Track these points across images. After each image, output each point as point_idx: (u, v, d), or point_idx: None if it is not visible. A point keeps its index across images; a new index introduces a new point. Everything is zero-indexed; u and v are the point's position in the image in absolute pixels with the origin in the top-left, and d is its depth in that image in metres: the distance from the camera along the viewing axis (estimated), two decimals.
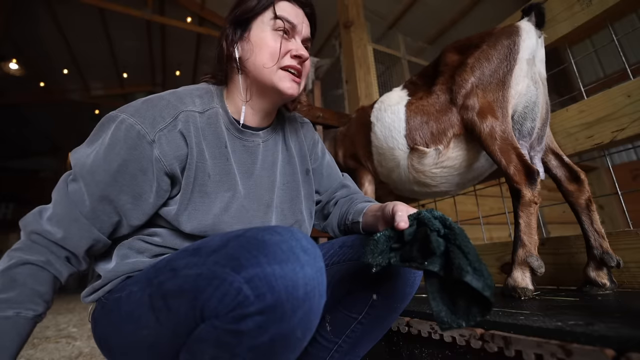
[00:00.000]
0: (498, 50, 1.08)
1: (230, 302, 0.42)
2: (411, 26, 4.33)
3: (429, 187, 1.28)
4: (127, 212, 0.61)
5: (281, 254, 0.44)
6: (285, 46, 0.71)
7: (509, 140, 1.01)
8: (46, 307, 0.58)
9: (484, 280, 0.47)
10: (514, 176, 0.97)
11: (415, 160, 1.24)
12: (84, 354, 1.57)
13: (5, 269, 0.55)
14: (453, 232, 0.53)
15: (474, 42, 1.16)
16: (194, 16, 5.42)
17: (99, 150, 0.60)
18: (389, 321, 0.76)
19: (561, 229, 3.13)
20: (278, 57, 0.70)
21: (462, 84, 1.11)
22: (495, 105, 1.05)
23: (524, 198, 0.96)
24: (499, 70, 1.07)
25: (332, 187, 0.91)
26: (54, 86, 6.73)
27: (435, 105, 1.20)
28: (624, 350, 0.45)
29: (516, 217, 0.98)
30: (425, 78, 1.33)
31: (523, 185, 0.96)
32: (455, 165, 1.19)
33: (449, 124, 1.15)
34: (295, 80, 0.72)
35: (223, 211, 0.66)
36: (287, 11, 0.72)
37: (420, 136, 1.21)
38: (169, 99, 0.66)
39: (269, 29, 0.71)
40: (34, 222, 0.58)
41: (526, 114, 1.09)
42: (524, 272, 0.93)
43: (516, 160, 0.99)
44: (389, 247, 0.57)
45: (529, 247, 0.94)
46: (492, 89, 1.07)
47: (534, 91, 1.08)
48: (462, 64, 1.15)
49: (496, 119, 1.03)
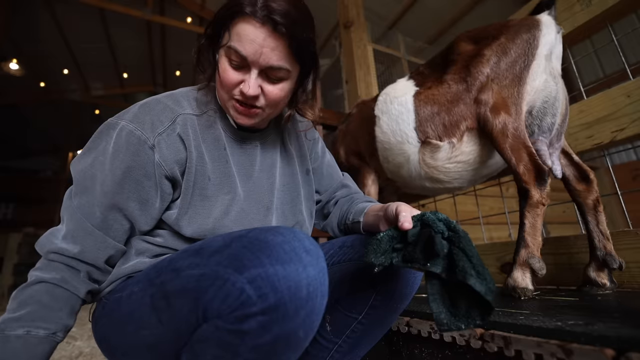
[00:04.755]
0: (517, 44, 1.03)
1: (232, 303, 0.42)
2: (411, 26, 4.33)
3: (442, 183, 1.21)
4: (136, 218, 0.61)
5: (284, 254, 0.44)
6: (233, 78, 0.62)
7: (521, 138, 0.97)
8: (62, 326, 0.56)
9: (486, 284, 0.47)
10: (523, 175, 0.94)
11: (427, 155, 1.17)
12: (84, 354, 1.57)
13: (20, 289, 0.55)
14: (457, 235, 0.53)
15: (491, 33, 1.10)
16: (194, 16, 5.42)
17: (103, 160, 0.59)
18: (389, 321, 0.77)
19: (561, 229, 3.13)
20: (228, 89, 0.64)
21: (477, 75, 1.06)
22: (509, 102, 1.01)
23: (531, 199, 0.93)
24: (515, 65, 1.02)
25: (332, 186, 0.91)
26: (54, 86, 6.73)
27: (446, 95, 1.13)
28: (624, 350, 0.45)
29: (522, 216, 0.95)
30: (433, 67, 1.26)
31: (532, 186, 0.93)
32: (469, 161, 1.13)
33: (461, 116, 1.09)
34: (245, 112, 0.65)
35: (223, 215, 0.65)
36: (244, 36, 0.59)
37: (432, 128, 1.14)
38: (166, 102, 0.65)
39: (223, 53, 0.63)
40: (49, 242, 0.58)
41: (546, 109, 1.05)
42: (524, 273, 0.92)
43: (527, 159, 0.95)
44: (391, 247, 0.57)
45: (532, 248, 0.93)
46: (508, 84, 1.02)
47: (553, 86, 1.03)
48: (478, 54, 1.08)
49: (509, 115, 0.99)
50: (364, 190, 1.40)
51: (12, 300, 0.55)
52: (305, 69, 0.68)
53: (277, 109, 0.70)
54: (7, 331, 0.52)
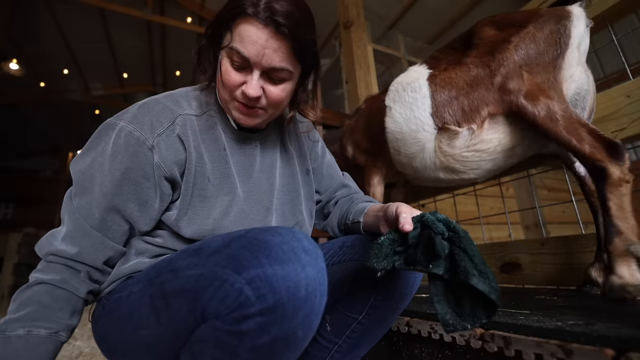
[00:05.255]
0: (545, 35, 0.98)
1: (231, 303, 0.42)
2: (411, 26, 4.33)
3: (457, 173, 1.13)
4: (135, 220, 0.61)
5: (282, 254, 0.44)
6: (235, 79, 0.62)
7: (574, 117, 0.88)
8: (64, 325, 0.56)
9: (489, 283, 0.48)
10: (593, 154, 0.82)
11: (444, 142, 1.09)
12: (84, 354, 1.57)
13: (20, 291, 0.56)
14: (457, 235, 0.53)
15: (518, 21, 1.04)
16: (194, 16, 5.42)
17: (102, 161, 0.59)
18: (389, 321, 0.77)
19: (561, 228, 3.13)
20: (230, 90, 0.63)
21: (503, 62, 0.99)
22: (546, 87, 0.94)
23: (611, 177, 0.80)
24: (547, 53, 0.97)
25: (332, 186, 0.91)
26: (54, 86, 6.73)
27: (465, 78, 1.06)
28: (624, 350, 0.45)
29: (604, 201, 0.81)
30: (450, 51, 1.19)
31: (607, 162, 0.81)
32: (489, 149, 1.05)
33: (483, 101, 1.02)
34: (247, 113, 0.65)
35: (223, 215, 0.65)
36: (246, 37, 0.59)
37: (450, 113, 1.06)
38: (165, 103, 0.65)
39: (225, 54, 0.62)
40: (47, 244, 0.58)
41: (576, 101, 0.99)
42: (630, 265, 0.75)
43: (589, 137, 0.84)
44: (392, 250, 0.57)
45: (627, 234, 0.77)
46: (541, 70, 0.96)
47: (585, 79, 0.99)
48: (504, 40, 1.02)
49: (551, 99, 0.91)
50: (369, 190, 1.37)
51: (12, 302, 0.55)
52: (307, 69, 0.69)
53: (279, 110, 0.70)
54: (7, 332, 0.52)
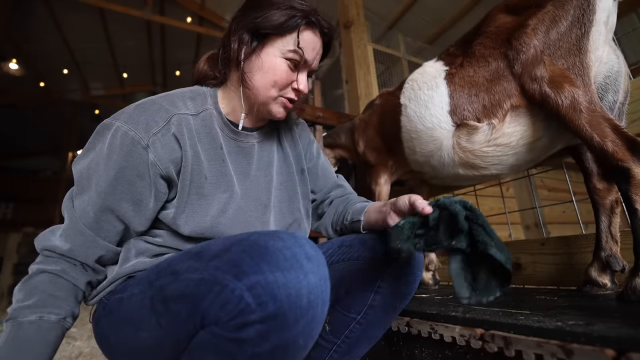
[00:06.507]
0: (567, 11, 0.91)
1: (231, 310, 0.42)
2: (411, 26, 4.33)
3: (477, 169, 1.09)
4: (129, 219, 0.62)
5: (284, 261, 0.43)
6: (290, 78, 0.70)
7: (599, 110, 0.83)
8: (70, 312, 0.58)
9: (505, 254, 0.53)
10: (615, 153, 0.78)
11: (463, 138, 1.06)
12: (84, 354, 1.57)
13: (24, 280, 0.57)
14: (474, 213, 0.58)
15: (534, 1, 0.97)
16: (194, 16, 5.42)
17: (99, 161, 0.60)
18: (388, 321, 0.76)
19: (561, 228, 3.13)
20: (281, 87, 0.70)
21: (521, 48, 0.94)
22: (571, 73, 0.88)
23: (635, 178, 0.76)
24: (570, 34, 0.90)
25: (326, 186, 0.92)
26: (54, 86, 6.72)
27: (484, 73, 1.02)
28: (624, 350, 0.45)
29: (631, 204, 0.78)
30: (466, 45, 1.14)
31: (631, 162, 0.77)
32: (510, 143, 1.00)
33: (505, 95, 0.97)
34: (288, 107, 0.74)
35: (221, 213, 0.66)
36: (308, 42, 0.69)
37: (469, 111, 1.04)
38: (161, 103, 0.66)
39: (281, 54, 0.69)
40: (45, 239, 0.60)
41: (608, 84, 0.93)
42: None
43: (613, 134, 0.80)
44: (413, 233, 0.60)
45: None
46: (564, 54, 0.90)
47: (615, 59, 0.92)
48: (520, 25, 0.97)
49: (576, 87, 0.85)
50: (376, 189, 1.35)
51: (18, 292, 0.56)
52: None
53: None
54: (19, 318, 0.53)
